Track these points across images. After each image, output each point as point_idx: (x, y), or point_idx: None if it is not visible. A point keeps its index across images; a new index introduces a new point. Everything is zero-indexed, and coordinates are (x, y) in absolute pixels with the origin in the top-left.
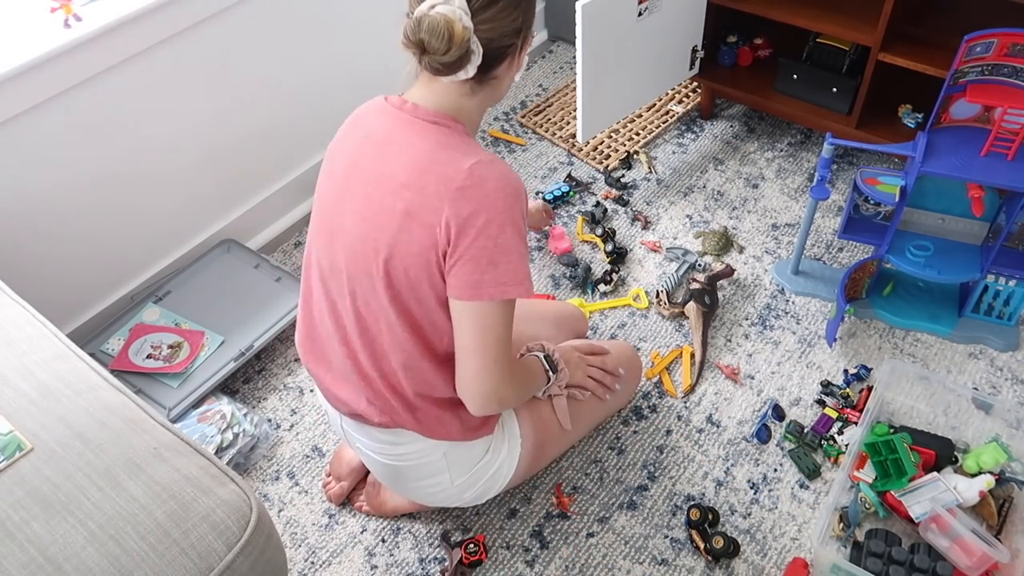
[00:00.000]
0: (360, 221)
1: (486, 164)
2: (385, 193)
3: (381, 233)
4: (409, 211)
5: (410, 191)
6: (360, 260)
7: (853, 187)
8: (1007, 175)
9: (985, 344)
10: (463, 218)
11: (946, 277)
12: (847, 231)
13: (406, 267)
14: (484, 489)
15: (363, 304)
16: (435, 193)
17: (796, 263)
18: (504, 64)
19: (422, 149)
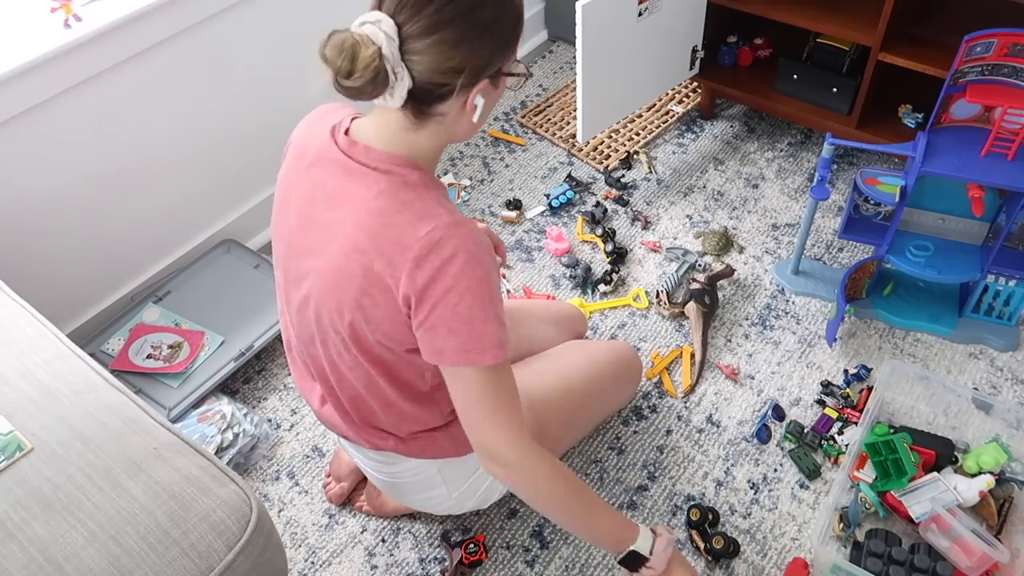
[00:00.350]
0: (319, 279)
1: (443, 228)
2: (340, 254)
3: (343, 295)
4: (366, 276)
5: (365, 256)
6: (325, 317)
7: (853, 187)
8: (1007, 175)
9: (985, 344)
10: (420, 288)
11: (946, 277)
12: (847, 231)
13: (375, 326)
14: (485, 496)
15: (336, 355)
16: (390, 262)
17: (796, 263)
18: (449, 103)
19: (374, 208)
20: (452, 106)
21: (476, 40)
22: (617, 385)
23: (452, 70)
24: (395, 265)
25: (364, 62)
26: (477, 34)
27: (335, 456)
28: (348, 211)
